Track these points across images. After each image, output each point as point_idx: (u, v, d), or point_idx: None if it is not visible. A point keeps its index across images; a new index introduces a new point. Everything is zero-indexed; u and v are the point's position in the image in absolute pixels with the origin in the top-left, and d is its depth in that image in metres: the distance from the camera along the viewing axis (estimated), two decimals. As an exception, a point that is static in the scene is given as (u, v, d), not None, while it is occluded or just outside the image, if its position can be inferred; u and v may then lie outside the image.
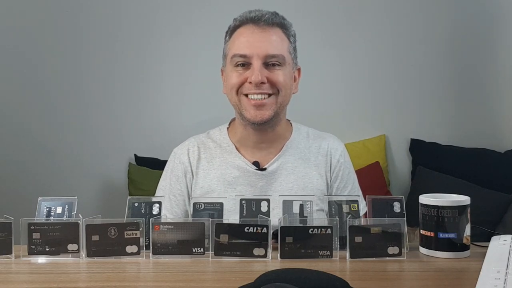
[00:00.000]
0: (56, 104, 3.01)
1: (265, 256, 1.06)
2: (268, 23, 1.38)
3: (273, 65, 1.38)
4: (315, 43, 2.97)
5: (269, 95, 1.38)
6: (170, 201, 1.47)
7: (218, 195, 1.40)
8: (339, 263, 1.05)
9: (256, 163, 1.44)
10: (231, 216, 1.20)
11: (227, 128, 1.52)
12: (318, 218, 1.30)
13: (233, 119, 1.52)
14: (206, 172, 1.46)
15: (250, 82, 1.36)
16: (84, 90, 3.02)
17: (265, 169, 1.43)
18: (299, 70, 1.50)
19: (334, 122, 2.89)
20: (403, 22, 3.00)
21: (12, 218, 1.10)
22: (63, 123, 3.02)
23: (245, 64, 1.38)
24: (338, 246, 1.09)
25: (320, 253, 1.07)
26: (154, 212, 1.18)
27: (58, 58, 3.00)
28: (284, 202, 1.18)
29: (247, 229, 1.07)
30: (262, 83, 1.35)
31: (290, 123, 1.54)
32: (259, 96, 1.37)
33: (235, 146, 1.47)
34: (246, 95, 1.38)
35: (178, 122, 2.95)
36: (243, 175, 1.43)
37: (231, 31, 1.44)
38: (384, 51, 3.00)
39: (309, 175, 1.46)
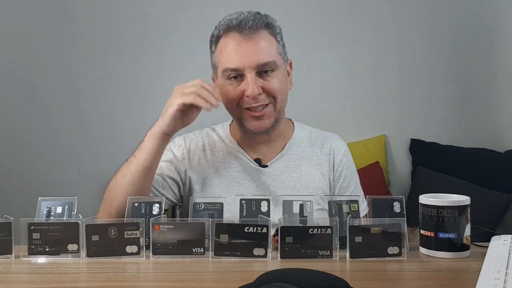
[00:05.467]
0: (55, 104, 3.02)
1: (265, 256, 1.06)
2: (253, 29, 1.33)
3: (266, 72, 1.35)
4: (315, 43, 2.98)
5: (267, 104, 1.36)
6: (157, 181, 1.43)
7: (220, 189, 1.41)
8: (339, 263, 1.05)
9: (258, 160, 1.45)
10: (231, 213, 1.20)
11: (230, 125, 1.53)
12: (318, 218, 1.30)
13: None
14: (210, 163, 1.46)
15: (247, 96, 1.33)
16: (84, 91, 3.03)
17: (266, 166, 1.44)
18: (290, 64, 1.46)
19: (334, 122, 2.90)
20: (403, 22, 3.00)
21: (12, 218, 1.10)
22: (63, 123, 3.02)
23: (238, 76, 1.35)
24: (338, 246, 1.09)
25: (320, 253, 1.07)
26: (154, 212, 1.17)
27: (58, 59, 3.01)
28: (284, 202, 1.18)
29: (247, 229, 1.06)
30: (259, 94, 1.33)
31: (292, 122, 1.54)
32: (259, 108, 1.36)
33: (237, 143, 1.47)
34: (246, 109, 1.37)
35: (178, 122, 2.95)
36: (245, 170, 1.44)
37: (215, 40, 1.40)
38: (384, 51, 3.01)
39: (311, 174, 1.46)
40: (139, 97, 3.03)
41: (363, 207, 1.31)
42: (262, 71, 1.34)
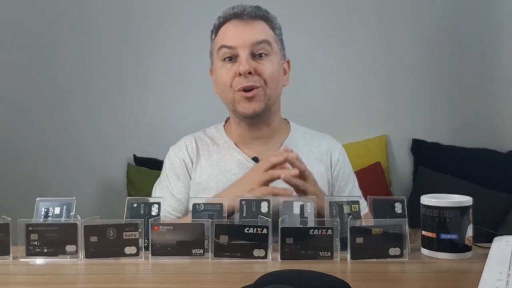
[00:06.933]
0: (56, 104, 3.02)
1: (265, 257, 1.06)
2: (251, 16, 1.39)
3: (260, 55, 1.37)
4: (315, 43, 2.97)
5: (258, 87, 1.37)
6: (177, 200, 1.44)
7: (216, 192, 1.39)
8: (340, 264, 1.05)
9: (255, 159, 1.43)
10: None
11: (223, 126, 1.52)
12: (318, 218, 1.29)
13: (228, 118, 1.51)
14: (203, 168, 1.45)
15: (240, 74, 1.35)
16: (83, 91, 3.03)
17: None
18: (288, 62, 1.49)
19: (335, 122, 2.89)
20: (403, 21, 3.00)
21: (10, 219, 1.09)
22: (63, 123, 3.02)
23: (233, 57, 1.38)
24: (339, 247, 1.08)
25: (321, 254, 1.06)
26: (153, 213, 1.17)
27: (59, 59, 3.01)
28: (284, 202, 1.17)
29: (247, 230, 1.06)
30: (250, 73, 1.35)
31: (288, 122, 1.54)
32: (249, 88, 1.36)
33: (234, 143, 1.47)
34: (239, 91, 1.38)
35: (178, 123, 2.95)
36: (243, 171, 1.41)
37: (216, 29, 1.44)
38: (385, 51, 3.00)
39: None
40: (141, 98, 3.03)
41: (363, 206, 1.31)
42: (256, 54, 1.37)
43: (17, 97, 3.01)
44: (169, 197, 1.44)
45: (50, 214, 1.14)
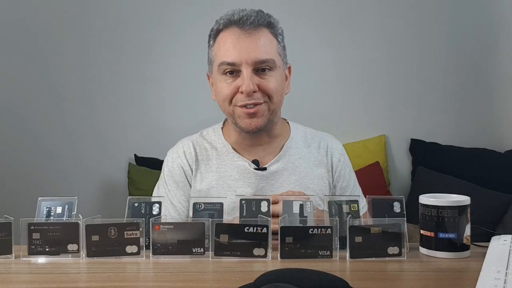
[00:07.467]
0: (56, 104, 3.02)
1: (265, 256, 1.06)
2: (254, 25, 1.31)
3: (263, 70, 1.32)
4: (314, 43, 2.98)
5: (261, 103, 1.33)
6: (177, 210, 1.42)
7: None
8: (339, 263, 1.05)
9: (255, 162, 1.42)
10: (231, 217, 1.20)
11: (222, 128, 1.49)
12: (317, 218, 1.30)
13: (226, 119, 1.48)
14: (203, 175, 1.43)
15: (242, 92, 1.31)
16: (84, 91, 3.03)
17: (265, 168, 1.42)
18: (289, 68, 1.44)
19: (334, 122, 2.90)
20: (403, 21, 3.00)
21: (12, 218, 1.10)
22: (63, 123, 3.02)
23: (234, 71, 1.32)
24: (338, 246, 1.08)
25: (320, 253, 1.07)
26: (154, 212, 1.17)
27: (59, 59, 3.01)
28: (284, 202, 1.18)
29: (247, 229, 1.06)
30: (254, 91, 1.30)
31: (287, 122, 1.52)
32: (252, 105, 1.32)
33: (232, 147, 1.44)
34: (240, 106, 1.33)
35: (178, 122, 2.95)
36: (243, 176, 1.40)
37: (214, 35, 1.37)
38: (384, 51, 3.01)
39: (310, 175, 1.44)
40: (142, 98, 3.03)
41: (363, 204, 1.31)
42: (260, 68, 1.32)
43: (18, 97, 3.01)
44: (169, 207, 1.42)
45: (52, 214, 1.15)
